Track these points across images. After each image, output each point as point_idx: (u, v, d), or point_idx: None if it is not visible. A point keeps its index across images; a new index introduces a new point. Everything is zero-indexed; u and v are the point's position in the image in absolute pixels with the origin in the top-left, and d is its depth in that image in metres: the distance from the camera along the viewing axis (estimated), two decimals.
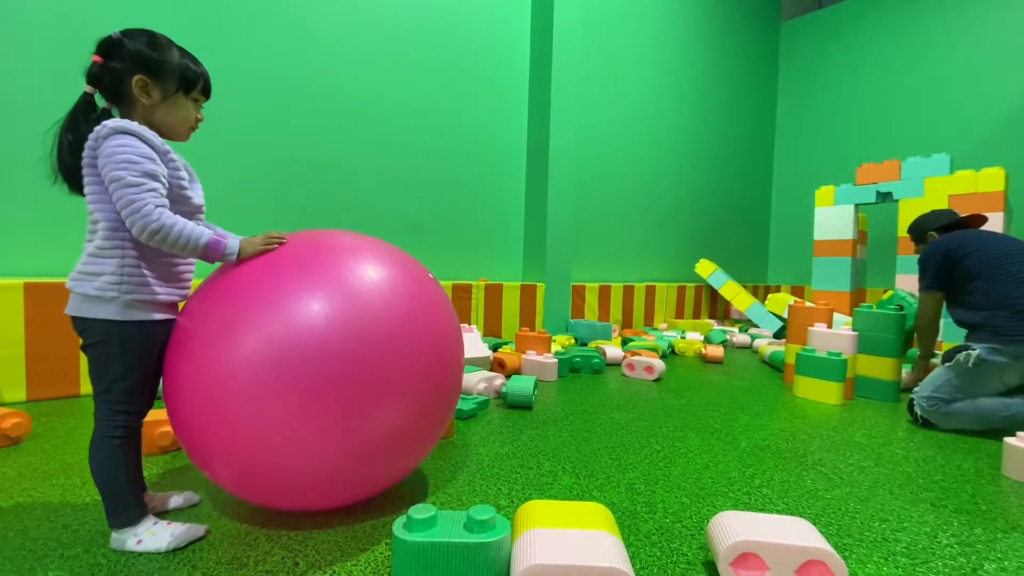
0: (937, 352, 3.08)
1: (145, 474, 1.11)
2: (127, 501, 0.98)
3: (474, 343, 2.65)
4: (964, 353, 1.94)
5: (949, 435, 1.93)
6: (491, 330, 3.64)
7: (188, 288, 1.09)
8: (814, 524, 1.14)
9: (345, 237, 1.15)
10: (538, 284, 3.92)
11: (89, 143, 0.93)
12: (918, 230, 2.43)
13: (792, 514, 1.23)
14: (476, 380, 2.14)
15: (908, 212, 3.98)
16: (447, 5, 3.57)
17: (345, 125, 3.13)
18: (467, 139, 3.76)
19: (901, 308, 2.44)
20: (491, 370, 2.62)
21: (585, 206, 4.52)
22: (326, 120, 3.04)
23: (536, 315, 3.91)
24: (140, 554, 0.97)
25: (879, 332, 2.43)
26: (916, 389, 2.06)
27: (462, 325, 2.95)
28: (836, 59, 6.60)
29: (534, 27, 4.07)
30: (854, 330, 2.47)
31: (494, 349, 3.04)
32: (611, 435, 1.77)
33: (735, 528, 0.94)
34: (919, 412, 2.00)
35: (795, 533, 0.93)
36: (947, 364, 2.00)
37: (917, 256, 2.45)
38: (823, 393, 2.34)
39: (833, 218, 4.48)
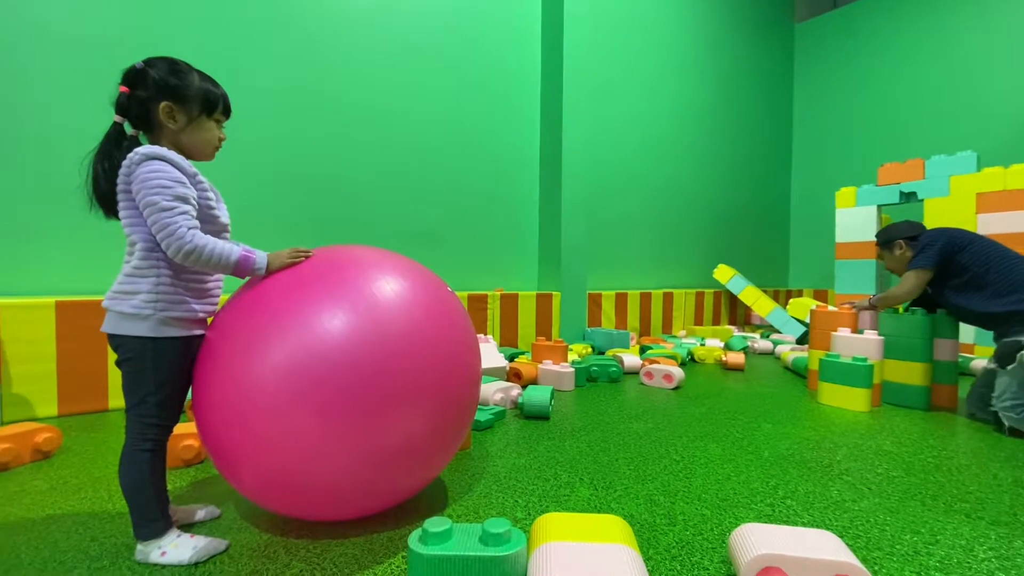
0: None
1: (169, 487, 1.14)
2: (154, 513, 1.00)
3: (490, 353, 2.65)
4: (1021, 353, 1.93)
5: (984, 442, 1.86)
6: (507, 340, 3.64)
7: (216, 303, 1.13)
8: (841, 537, 1.11)
9: (367, 252, 1.18)
10: (554, 293, 3.91)
11: (123, 170, 0.97)
12: (886, 237, 2.45)
13: (818, 526, 1.19)
14: (492, 390, 2.14)
15: (934, 212, 3.87)
16: (458, 18, 3.63)
17: (362, 139, 3.19)
18: (481, 149, 3.80)
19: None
20: (507, 380, 2.61)
21: (600, 213, 4.51)
22: (343, 135, 3.11)
23: (552, 324, 3.90)
24: (164, 566, 0.99)
25: (907, 336, 2.35)
26: (993, 401, 2.02)
27: (478, 335, 2.96)
28: (852, 58, 6.49)
29: (545, 36, 4.10)
30: (880, 334, 2.41)
31: (510, 359, 3.03)
32: (629, 445, 1.75)
33: (758, 541, 0.92)
34: (1007, 423, 1.95)
35: (821, 546, 0.90)
36: (1009, 367, 1.97)
37: (879, 261, 2.52)
38: (849, 400, 2.28)
39: (855, 220, 4.38)
